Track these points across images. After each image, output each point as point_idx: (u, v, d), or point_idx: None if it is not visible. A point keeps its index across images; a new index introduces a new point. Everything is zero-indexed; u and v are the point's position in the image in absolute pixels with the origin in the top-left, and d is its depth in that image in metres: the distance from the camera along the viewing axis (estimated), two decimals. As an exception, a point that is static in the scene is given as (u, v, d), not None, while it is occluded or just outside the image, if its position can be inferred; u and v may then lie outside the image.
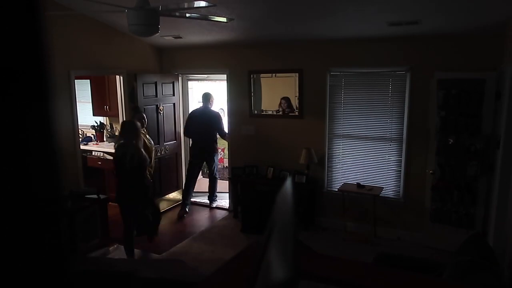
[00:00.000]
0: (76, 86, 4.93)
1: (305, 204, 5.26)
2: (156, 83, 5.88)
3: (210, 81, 7.34)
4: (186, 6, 3.19)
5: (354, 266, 1.13)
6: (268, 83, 5.68)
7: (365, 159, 5.17)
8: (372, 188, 4.94)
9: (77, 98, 4.97)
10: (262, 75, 5.67)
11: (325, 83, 5.20)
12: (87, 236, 4.55)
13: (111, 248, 4.73)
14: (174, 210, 6.14)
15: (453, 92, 4.35)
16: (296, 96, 5.43)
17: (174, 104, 6.23)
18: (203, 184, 6.66)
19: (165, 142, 6.00)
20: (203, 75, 6.73)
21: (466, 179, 4.43)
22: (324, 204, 5.45)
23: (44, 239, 0.45)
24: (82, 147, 5.96)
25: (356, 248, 4.76)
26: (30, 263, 0.43)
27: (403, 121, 4.86)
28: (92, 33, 5.10)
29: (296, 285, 0.90)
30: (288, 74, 5.47)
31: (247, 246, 1.18)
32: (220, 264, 1.08)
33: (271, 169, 5.61)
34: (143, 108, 5.65)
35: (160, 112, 5.96)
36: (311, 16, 4.25)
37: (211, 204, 6.25)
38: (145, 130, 5.03)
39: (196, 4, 3.13)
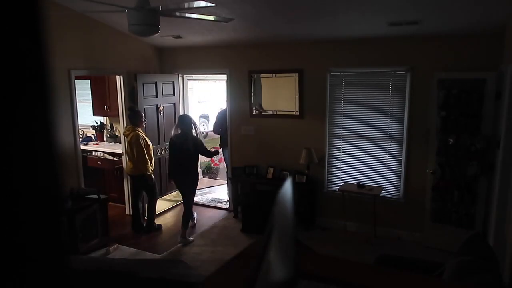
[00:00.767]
0: (76, 86, 4.93)
1: (305, 204, 5.26)
2: (156, 83, 5.88)
3: (209, 81, 7.34)
4: (186, 6, 3.20)
5: (354, 266, 1.13)
6: (268, 83, 5.68)
7: (365, 159, 5.17)
8: (372, 188, 4.94)
9: (77, 98, 4.97)
10: (262, 75, 5.67)
11: (325, 83, 5.20)
12: (87, 236, 4.55)
13: (111, 248, 4.74)
14: (174, 210, 6.14)
15: (453, 92, 4.35)
16: (297, 96, 5.43)
17: (174, 104, 6.23)
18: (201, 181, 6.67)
19: (165, 142, 6.00)
20: (203, 75, 6.73)
21: (466, 179, 4.43)
22: (324, 204, 5.45)
23: (44, 239, 0.45)
24: (82, 147, 5.96)
25: (356, 248, 4.76)
26: (30, 263, 0.43)
27: (403, 121, 4.86)
28: (92, 33, 5.10)
29: (296, 285, 0.90)
30: (288, 74, 5.47)
31: (247, 246, 1.18)
32: (220, 264, 1.08)
33: (271, 169, 5.61)
34: (143, 108, 5.67)
35: (160, 112, 5.97)
36: (312, 16, 4.25)
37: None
38: (144, 129, 5.20)
39: (196, 4, 3.13)
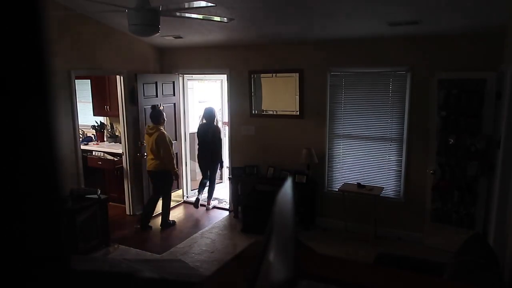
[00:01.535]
0: (76, 86, 4.93)
1: (306, 204, 5.26)
2: (156, 83, 5.88)
3: (209, 81, 7.34)
4: (186, 6, 3.20)
5: (354, 266, 1.13)
6: (268, 83, 5.68)
7: (365, 159, 5.17)
8: (372, 188, 4.94)
9: (77, 98, 4.97)
10: (263, 75, 5.67)
11: (326, 83, 5.20)
12: (87, 236, 4.55)
13: (111, 248, 4.74)
14: (173, 210, 6.14)
15: (453, 92, 4.35)
16: (297, 96, 5.43)
17: (174, 104, 6.23)
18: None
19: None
20: (203, 75, 6.73)
21: (466, 179, 4.43)
22: (325, 204, 5.45)
23: (45, 239, 0.45)
24: (83, 147, 5.96)
25: (357, 248, 4.76)
26: (30, 263, 0.43)
27: (404, 121, 4.86)
28: (92, 33, 5.10)
29: (296, 285, 0.90)
30: (288, 74, 5.47)
31: (247, 246, 1.18)
32: (220, 264, 1.08)
33: (271, 169, 5.61)
34: (144, 108, 5.67)
35: (161, 112, 5.97)
36: (312, 16, 4.25)
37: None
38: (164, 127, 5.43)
39: (196, 4, 3.13)
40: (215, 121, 6.14)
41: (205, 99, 7.26)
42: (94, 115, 6.73)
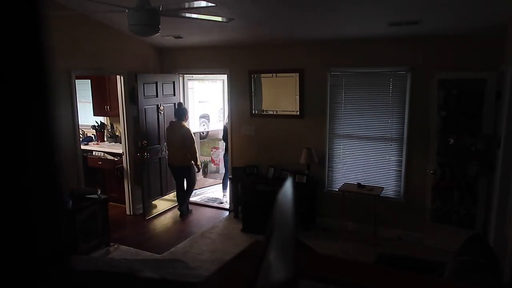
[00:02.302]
0: (76, 86, 4.93)
1: (306, 204, 5.26)
2: (156, 83, 5.89)
3: (210, 81, 7.34)
4: (186, 6, 3.20)
5: (354, 266, 1.13)
6: (268, 83, 5.68)
7: (365, 159, 5.17)
8: (372, 188, 4.94)
9: (77, 98, 4.97)
10: (263, 75, 5.67)
11: (326, 83, 5.20)
12: (87, 236, 4.55)
13: (111, 248, 4.74)
14: (174, 210, 6.14)
15: (453, 92, 4.35)
16: (297, 96, 5.43)
17: (174, 104, 6.23)
18: (200, 181, 6.68)
19: (165, 142, 6.00)
20: (204, 75, 6.73)
21: (466, 179, 4.43)
22: (325, 204, 5.45)
23: (45, 239, 0.45)
24: (83, 147, 5.96)
25: (357, 248, 4.76)
26: (30, 263, 0.43)
27: (404, 121, 4.86)
28: (92, 33, 5.10)
29: (296, 285, 0.90)
30: (288, 74, 5.47)
31: (247, 246, 1.18)
32: (220, 264, 1.08)
33: (271, 169, 5.61)
34: (144, 108, 5.67)
35: (161, 112, 5.97)
36: (312, 16, 4.25)
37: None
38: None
39: (196, 4, 3.13)
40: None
41: (205, 99, 7.26)
42: (94, 115, 6.73)
